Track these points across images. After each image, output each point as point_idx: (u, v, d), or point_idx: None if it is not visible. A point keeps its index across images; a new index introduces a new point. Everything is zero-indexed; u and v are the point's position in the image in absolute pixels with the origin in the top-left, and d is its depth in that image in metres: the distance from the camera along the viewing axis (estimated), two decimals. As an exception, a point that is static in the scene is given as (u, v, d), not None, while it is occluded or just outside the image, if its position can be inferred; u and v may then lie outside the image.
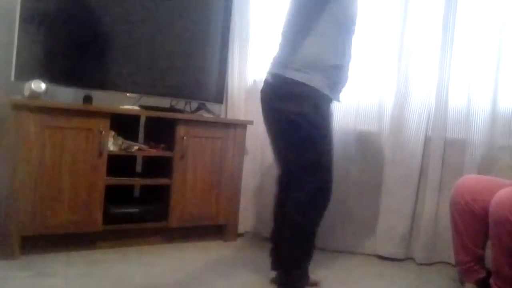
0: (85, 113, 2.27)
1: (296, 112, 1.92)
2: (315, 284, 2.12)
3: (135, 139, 2.59)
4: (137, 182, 2.62)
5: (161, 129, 2.65)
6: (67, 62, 2.38)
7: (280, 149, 2.12)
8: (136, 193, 2.82)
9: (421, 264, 2.63)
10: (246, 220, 2.89)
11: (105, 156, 2.32)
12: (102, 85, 2.49)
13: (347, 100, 2.74)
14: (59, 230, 2.24)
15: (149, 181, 2.59)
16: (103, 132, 2.29)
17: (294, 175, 2.01)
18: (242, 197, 2.81)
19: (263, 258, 2.25)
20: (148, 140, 2.66)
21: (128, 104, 2.55)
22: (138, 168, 2.77)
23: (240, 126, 2.76)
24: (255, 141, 2.87)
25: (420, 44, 2.65)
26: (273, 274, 2.12)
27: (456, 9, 2.60)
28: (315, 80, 1.92)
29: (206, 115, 2.76)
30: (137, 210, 2.50)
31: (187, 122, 2.57)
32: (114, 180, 2.40)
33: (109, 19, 2.48)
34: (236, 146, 2.75)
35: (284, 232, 2.02)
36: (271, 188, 2.31)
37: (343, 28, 1.98)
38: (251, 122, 2.78)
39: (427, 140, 2.67)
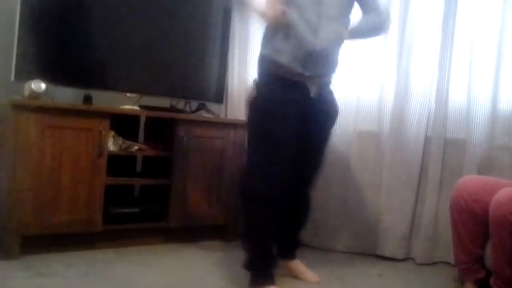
0: (85, 113, 2.27)
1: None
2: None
3: (135, 139, 2.59)
4: (137, 182, 2.62)
5: (161, 129, 2.64)
6: (67, 62, 2.38)
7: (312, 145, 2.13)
8: (136, 193, 2.82)
9: (421, 264, 2.62)
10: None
11: (105, 156, 2.32)
12: (102, 85, 2.49)
13: (347, 100, 2.75)
14: (59, 230, 2.24)
15: (149, 181, 2.59)
16: (103, 132, 2.29)
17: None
18: (242, 197, 2.81)
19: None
20: (148, 140, 2.66)
21: (128, 104, 2.55)
22: (138, 168, 2.76)
23: (240, 126, 2.75)
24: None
25: (420, 44, 2.65)
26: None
27: (456, 8, 2.60)
28: None
29: (206, 115, 2.76)
30: (137, 210, 2.50)
31: (187, 122, 2.57)
32: (114, 180, 2.40)
33: (109, 19, 2.48)
34: (236, 146, 2.74)
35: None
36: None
37: None
38: (251, 122, 2.78)
39: (427, 140, 2.67)
